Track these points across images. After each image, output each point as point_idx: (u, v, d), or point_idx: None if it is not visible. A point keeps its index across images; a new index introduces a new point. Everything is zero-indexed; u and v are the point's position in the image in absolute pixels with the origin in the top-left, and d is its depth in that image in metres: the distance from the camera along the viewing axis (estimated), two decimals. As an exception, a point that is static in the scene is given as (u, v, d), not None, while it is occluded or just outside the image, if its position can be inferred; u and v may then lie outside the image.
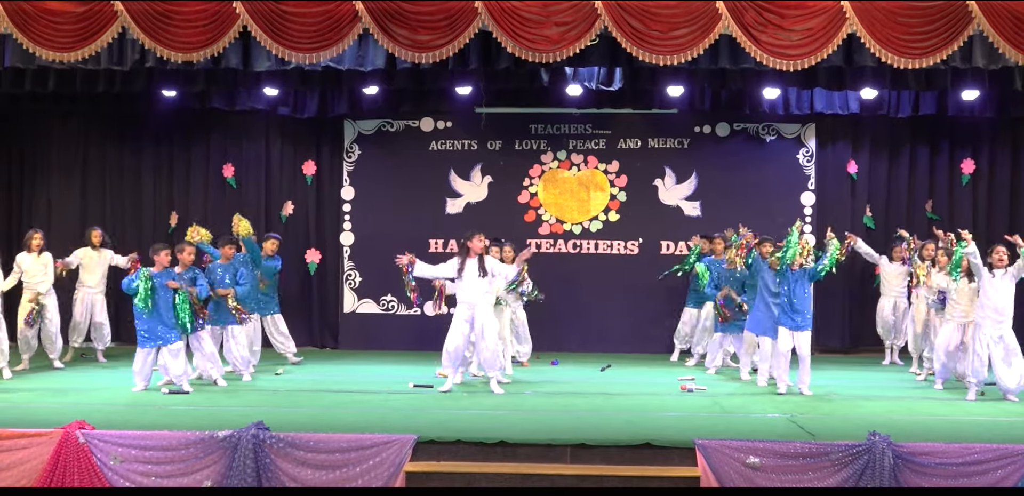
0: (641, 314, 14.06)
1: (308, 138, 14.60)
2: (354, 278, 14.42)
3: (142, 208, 14.67)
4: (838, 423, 8.73)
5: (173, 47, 10.28)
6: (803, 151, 14.12)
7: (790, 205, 13.97)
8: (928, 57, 9.98)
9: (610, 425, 8.49)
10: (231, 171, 14.54)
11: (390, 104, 13.67)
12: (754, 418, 9.01)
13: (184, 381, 10.17)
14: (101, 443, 7.83)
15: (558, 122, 14.28)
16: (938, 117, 13.49)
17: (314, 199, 14.61)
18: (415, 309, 14.10)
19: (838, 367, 12.59)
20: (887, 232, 13.97)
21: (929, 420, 9.04)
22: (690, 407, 9.57)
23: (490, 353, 10.41)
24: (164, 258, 10.20)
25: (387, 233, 14.13)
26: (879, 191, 14.26)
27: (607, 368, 12.42)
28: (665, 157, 14.21)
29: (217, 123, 14.53)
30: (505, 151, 14.34)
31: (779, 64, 10.10)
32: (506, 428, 8.27)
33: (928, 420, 9.04)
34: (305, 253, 14.47)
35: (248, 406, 9.40)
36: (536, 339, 12.85)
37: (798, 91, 13.08)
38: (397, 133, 14.45)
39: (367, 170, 14.44)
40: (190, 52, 10.31)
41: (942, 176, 14.23)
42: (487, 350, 10.40)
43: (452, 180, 14.36)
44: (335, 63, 10.73)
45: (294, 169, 14.64)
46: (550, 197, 14.33)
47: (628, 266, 14.14)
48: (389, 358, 13.27)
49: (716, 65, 10.63)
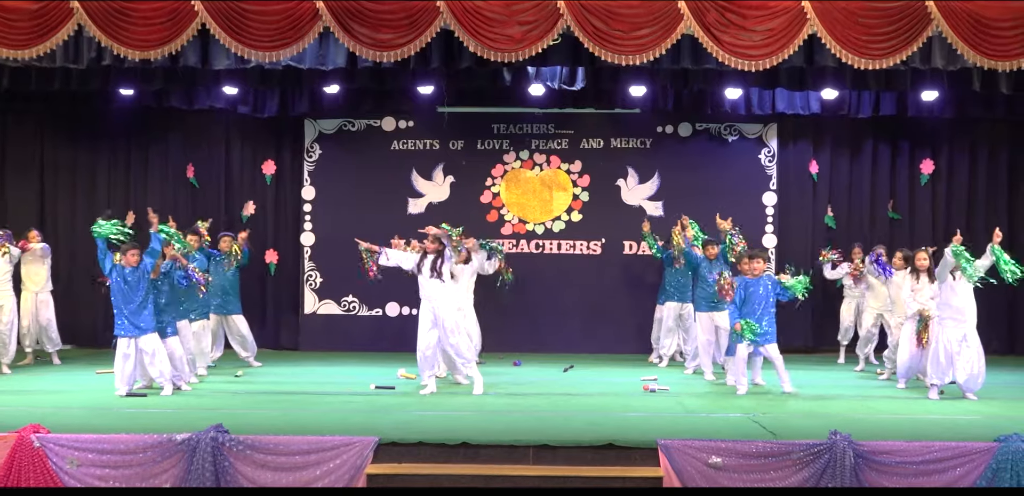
0: (604, 314, 14.09)
1: (268, 138, 14.53)
2: (315, 279, 14.35)
3: (98, 209, 14.46)
4: (800, 422, 8.77)
5: (130, 45, 10.19)
6: (765, 151, 14.21)
7: (752, 205, 14.06)
8: (888, 58, 10.07)
9: (573, 426, 8.48)
10: (191, 172, 14.44)
11: (351, 103, 13.62)
12: (716, 418, 9.04)
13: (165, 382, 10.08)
14: (57, 447, 7.74)
15: (520, 122, 14.29)
16: (898, 117, 13.62)
17: (274, 199, 14.55)
18: (377, 310, 14.06)
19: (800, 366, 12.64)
20: (849, 232, 14.09)
21: (890, 419, 9.11)
22: (653, 407, 9.59)
23: (462, 347, 10.40)
24: (132, 259, 10.08)
25: (348, 233, 13.93)
26: (840, 191, 14.39)
27: (570, 369, 12.42)
28: (627, 157, 14.26)
29: (175, 122, 14.42)
30: (467, 151, 14.33)
31: (741, 64, 10.15)
32: (468, 429, 8.25)
33: (889, 419, 9.10)
34: (264, 254, 14.38)
35: (207, 409, 9.32)
36: (498, 339, 12.85)
37: (760, 91, 13.15)
38: (358, 133, 14.40)
39: (328, 170, 14.38)
40: (148, 50, 10.22)
41: (902, 176, 14.38)
42: (456, 344, 10.37)
43: (414, 180, 14.32)
44: (295, 62, 10.68)
45: (254, 169, 14.56)
46: (513, 197, 14.33)
47: (591, 266, 14.18)
48: (350, 359, 13.22)
49: (678, 65, 10.69)
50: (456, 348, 10.43)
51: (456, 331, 10.39)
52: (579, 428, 8.38)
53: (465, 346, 10.51)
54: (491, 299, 12.82)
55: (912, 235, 13.97)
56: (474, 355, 10.80)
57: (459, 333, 10.45)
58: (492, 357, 12.91)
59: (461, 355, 10.47)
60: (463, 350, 10.47)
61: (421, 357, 10.43)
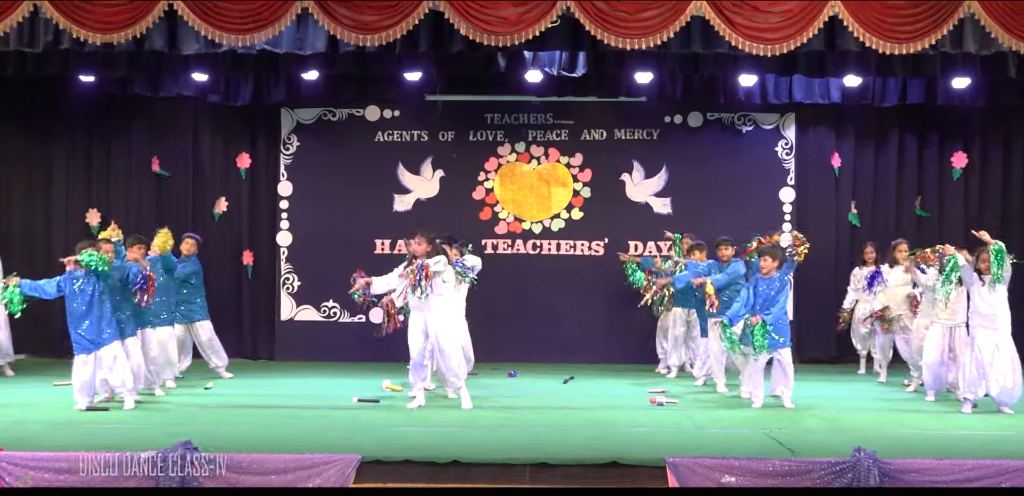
0: (607, 321, 14.12)
1: (241, 128, 14.54)
2: (292, 282, 14.37)
3: (56, 205, 14.51)
4: (820, 438, 8.79)
5: (91, 27, 10.19)
6: (782, 143, 14.25)
7: (768, 201, 14.12)
8: (916, 42, 10.11)
9: (573, 442, 8.50)
10: (157, 165, 14.43)
11: (332, 91, 13.64)
12: (730, 433, 9.07)
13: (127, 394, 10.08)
14: (10, 465, 7.73)
15: (516, 111, 14.32)
16: (927, 106, 13.65)
17: (248, 195, 14.55)
18: (359, 316, 14.08)
19: (821, 378, 12.69)
20: (873, 230, 14.12)
21: (918, 435, 9.13)
22: (660, 422, 9.61)
23: (454, 362, 10.40)
24: None
25: (328, 233, 14.10)
26: (864, 186, 14.42)
27: (569, 380, 12.45)
28: (633, 150, 14.29)
29: (140, 111, 14.41)
30: (458, 143, 14.36)
31: (756, 49, 10.19)
32: (459, 446, 8.26)
33: (917, 435, 9.13)
34: (239, 255, 14.40)
35: (174, 424, 9.33)
36: (492, 348, 12.86)
37: (776, 78, 13.19)
38: (340, 123, 14.42)
39: (307, 163, 14.40)
40: (110, 33, 10.23)
41: (932, 170, 14.41)
42: (449, 359, 10.39)
43: (400, 175, 14.35)
44: (271, 46, 10.69)
45: (226, 162, 14.57)
46: (507, 193, 14.36)
47: (593, 268, 14.20)
48: (331, 370, 13.22)
49: (688, 50, 10.72)
50: (451, 368, 10.44)
51: (452, 351, 10.38)
52: (580, 444, 8.40)
53: (459, 364, 10.52)
54: (484, 304, 12.82)
55: (941, 234, 13.96)
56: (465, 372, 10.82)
57: (455, 351, 10.46)
58: (485, 368, 12.90)
59: (456, 375, 10.47)
60: (458, 369, 10.48)
61: (414, 365, 10.44)
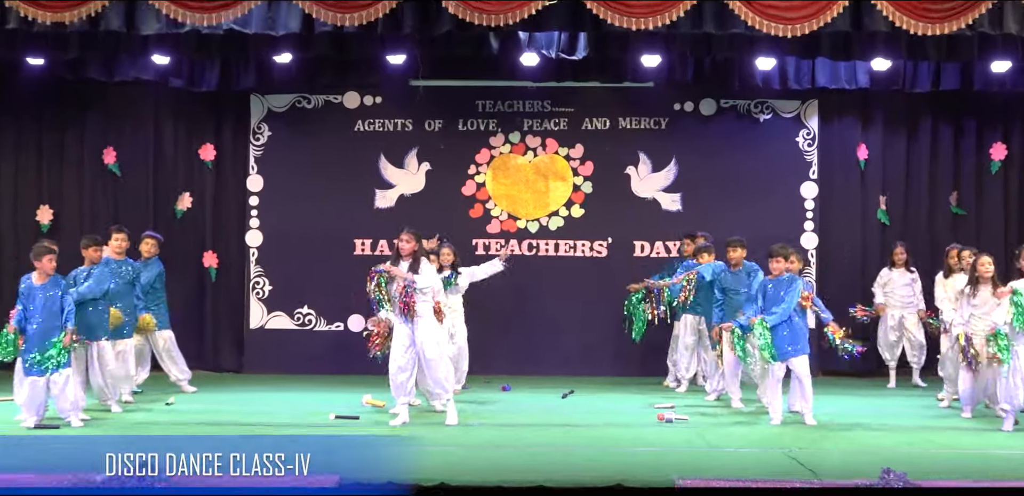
0: (610, 329, 14.07)
1: (206, 117, 14.53)
2: (262, 287, 14.34)
3: (2, 201, 14.45)
4: (845, 459, 8.78)
5: (39, 5, 10.17)
6: (803, 133, 14.24)
7: (788, 197, 14.12)
8: (950, 21, 10.11)
9: (573, 463, 8.48)
10: (113, 157, 14.39)
11: (307, 76, 13.61)
12: (746, 453, 9.06)
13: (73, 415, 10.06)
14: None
15: (510, 98, 14.31)
16: (963, 92, 13.65)
17: (213, 190, 14.53)
18: (337, 324, 14.06)
19: (845, 391, 12.69)
20: (905, 229, 14.12)
21: (952, 455, 9.11)
22: (669, 441, 9.60)
23: (440, 372, 10.38)
24: (48, 264, 10.02)
25: (303, 232, 14.07)
26: (894, 181, 14.41)
27: (569, 394, 12.44)
28: (639, 140, 14.28)
29: (95, 98, 14.39)
30: (446, 133, 14.35)
31: (774, 29, 10.19)
32: (447, 468, 8.22)
33: (951, 455, 9.11)
34: (202, 256, 14.37)
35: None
36: (485, 360, 12.84)
37: (797, 61, 13.17)
38: (315, 111, 14.40)
39: (279, 155, 14.38)
40: (61, 11, 10.23)
41: (968, 162, 14.42)
42: (435, 369, 10.36)
43: (382, 168, 14.33)
44: (239, 26, 10.67)
45: (189, 154, 14.54)
46: (501, 188, 14.35)
47: (595, 271, 14.19)
48: (305, 384, 13.19)
49: (700, 30, 10.71)
50: (437, 379, 10.42)
51: (438, 360, 10.36)
52: (581, 465, 8.37)
53: (447, 374, 10.50)
54: (475, 311, 12.77)
55: (979, 233, 14.00)
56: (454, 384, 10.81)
57: (442, 363, 10.44)
58: (477, 381, 12.90)
59: (443, 386, 10.44)
60: (445, 382, 10.46)
61: (394, 383, 10.41)
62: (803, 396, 10.43)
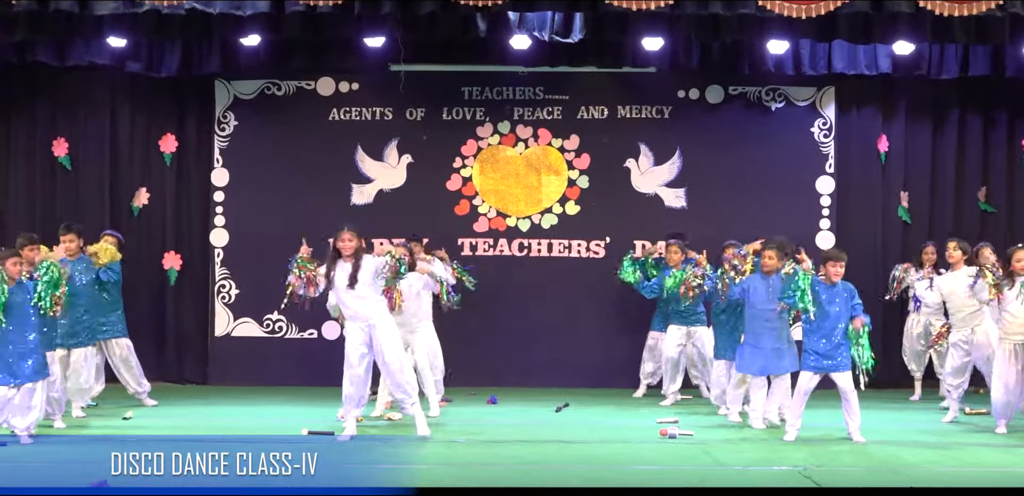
0: (608, 336, 14.12)
1: (167, 104, 14.54)
2: (228, 291, 14.34)
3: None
4: (865, 478, 8.79)
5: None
6: (819, 123, 14.27)
7: (803, 193, 14.16)
8: (979, 1, 10.12)
9: (567, 481, 8.49)
10: (64, 148, 14.38)
11: (277, 60, 13.61)
12: (756, 472, 9.06)
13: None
14: None
15: (499, 84, 14.34)
16: (993, 79, 13.70)
17: (174, 185, 14.53)
18: (310, 332, 14.07)
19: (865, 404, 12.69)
20: (930, 227, 14.14)
21: (982, 474, 9.12)
22: (672, 459, 9.60)
23: (401, 376, 10.41)
24: (13, 268, 9.98)
25: (273, 231, 14.04)
26: (918, 175, 14.46)
27: (563, 408, 12.46)
28: (640, 130, 14.31)
29: (44, 84, 14.38)
30: (429, 122, 14.37)
31: (787, 9, 10.22)
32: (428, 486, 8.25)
33: (980, 474, 9.12)
34: (162, 257, 14.37)
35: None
36: (470, 371, 12.86)
37: (812, 45, 13.20)
38: (286, 98, 14.42)
39: (246, 147, 14.40)
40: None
41: (999, 155, 14.47)
42: (394, 373, 10.39)
43: (360, 160, 14.35)
44: (203, 5, 10.68)
45: (147, 145, 14.54)
46: (489, 183, 14.37)
47: (592, 273, 14.21)
48: (275, 396, 13.23)
49: (706, 10, 10.73)
50: (398, 384, 10.47)
51: (397, 362, 10.41)
52: (576, 485, 8.39)
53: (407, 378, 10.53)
54: (460, 317, 12.80)
55: (1012, 231, 14.02)
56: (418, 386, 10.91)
57: (406, 371, 10.51)
58: (462, 393, 12.94)
59: (405, 391, 10.47)
60: (409, 388, 10.51)
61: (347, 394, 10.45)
62: (850, 412, 10.48)
